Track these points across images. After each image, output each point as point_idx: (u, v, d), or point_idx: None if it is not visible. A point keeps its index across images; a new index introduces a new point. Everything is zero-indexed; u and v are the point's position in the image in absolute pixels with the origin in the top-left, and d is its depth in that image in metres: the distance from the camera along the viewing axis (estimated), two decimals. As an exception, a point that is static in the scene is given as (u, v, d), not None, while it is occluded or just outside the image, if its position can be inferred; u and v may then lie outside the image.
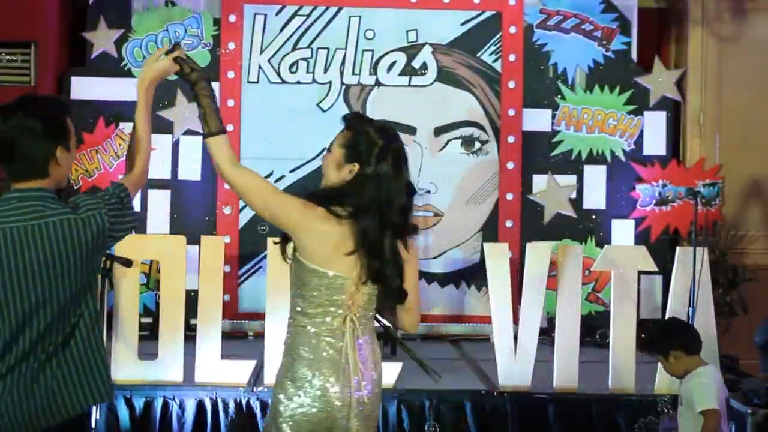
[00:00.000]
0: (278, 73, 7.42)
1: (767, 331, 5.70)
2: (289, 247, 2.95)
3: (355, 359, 2.93)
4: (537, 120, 7.48)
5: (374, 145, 2.90)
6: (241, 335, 7.11)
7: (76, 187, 7.25)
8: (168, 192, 7.31)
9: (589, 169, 7.50)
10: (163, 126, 7.16)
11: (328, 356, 2.91)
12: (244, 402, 5.20)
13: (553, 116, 7.49)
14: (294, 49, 7.44)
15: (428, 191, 7.41)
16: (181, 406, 5.21)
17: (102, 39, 7.31)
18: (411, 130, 7.43)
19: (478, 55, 7.49)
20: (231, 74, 7.34)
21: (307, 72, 7.44)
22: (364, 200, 2.86)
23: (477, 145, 7.48)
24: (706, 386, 4.14)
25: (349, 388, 2.92)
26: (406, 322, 3.08)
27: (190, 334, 5.46)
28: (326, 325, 2.92)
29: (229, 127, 7.28)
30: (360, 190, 2.87)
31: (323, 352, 2.91)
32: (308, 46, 7.45)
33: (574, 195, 7.47)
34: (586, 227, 7.45)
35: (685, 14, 7.64)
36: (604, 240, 7.34)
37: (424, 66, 7.48)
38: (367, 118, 3.02)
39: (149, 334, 6.08)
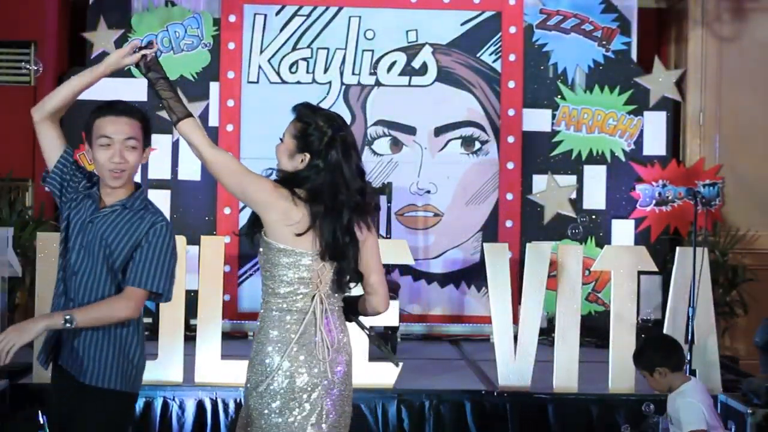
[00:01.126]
0: (278, 73, 7.43)
1: (767, 331, 5.70)
2: (257, 237, 3.09)
3: (324, 338, 3.01)
4: (537, 120, 7.48)
5: (323, 135, 3.02)
6: (241, 335, 7.10)
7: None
8: (168, 192, 7.31)
9: (589, 169, 7.50)
10: (163, 126, 7.11)
11: (297, 336, 2.99)
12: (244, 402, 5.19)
13: (553, 116, 7.49)
14: (294, 49, 7.45)
15: (428, 191, 7.41)
16: (181, 406, 5.20)
17: (102, 39, 7.31)
18: (411, 130, 7.44)
19: (478, 55, 7.49)
20: (231, 74, 7.35)
21: (307, 72, 7.44)
22: (318, 185, 3.00)
23: (477, 145, 7.48)
24: (692, 407, 4.23)
25: (318, 367, 2.99)
26: (374, 303, 3.16)
27: (190, 335, 5.46)
28: (295, 304, 3.01)
29: (229, 127, 7.30)
30: (315, 177, 3.01)
31: (292, 333, 2.99)
32: (308, 46, 7.45)
33: (574, 195, 7.47)
34: (586, 227, 7.45)
35: (685, 14, 7.64)
36: (604, 240, 7.34)
37: (424, 66, 7.48)
38: (316, 109, 3.12)
39: (149, 334, 6.04)
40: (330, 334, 3.03)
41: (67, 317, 3.05)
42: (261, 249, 3.05)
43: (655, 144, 7.52)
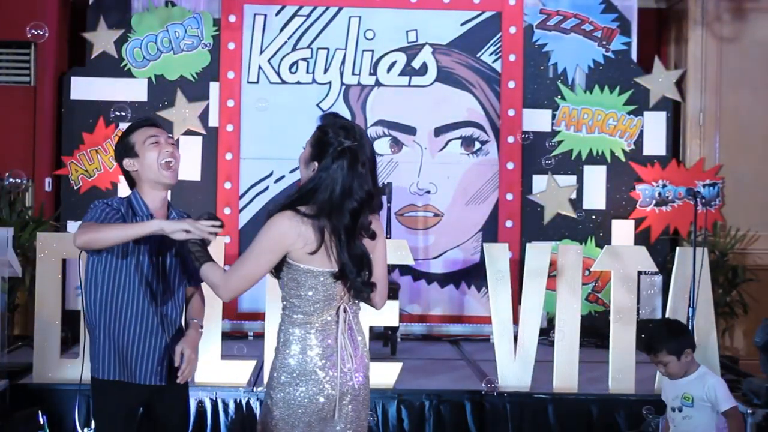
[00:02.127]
0: (278, 74, 7.43)
1: (767, 331, 5.70)
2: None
3: (347, 347, 3.02)
4: (537, 120, 7.48)
5: (338, 146, 2.96)
6: (241, 335, 7.10)
7: (76, 188, 7.25)
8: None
9: (589, 169, 7.50)
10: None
11: (323, 347, 3.00)
12: (244, 402, 5.20)
13: (553, 116, 7.49)
14: (294, 49, 7.45)
15: (428, 191, 7.42)
16: (181, 406, 5.19)
17: (102, 39, 7.31)
18: (411, 130, 7.44)
19: (478, 55, 7.49)
20: (231, 74, 7.35)
21: (307, 72, 7.44)
22: (320, 202, 2.95)
23: (477, 145, 7.48)
24: (724, 385, 4.11)
25: (343, 375, 3.01)
26: (373, 305, 3.17)
27: (190, 334, 5.45)
28: (322, 319, 3.01)
29: (229, 127, 7.30)
30: (317, 192, 2.95)
31: (317, 345, 3.00)
32: (308, 47, 7.45)
33: (574, 195, 7.47)
34: (586, 227, 7.46)
35: (685, 14, 7.64)
36: (604, 240, 7.34)
37: (424, 66, 7.48)
38: (338, 118, 3.07)
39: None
40: (353, 342, 3.05)
41: (202, 324, 3.62)
42: (284, 269, 3.01)
43: (655, 144, 7.52)
